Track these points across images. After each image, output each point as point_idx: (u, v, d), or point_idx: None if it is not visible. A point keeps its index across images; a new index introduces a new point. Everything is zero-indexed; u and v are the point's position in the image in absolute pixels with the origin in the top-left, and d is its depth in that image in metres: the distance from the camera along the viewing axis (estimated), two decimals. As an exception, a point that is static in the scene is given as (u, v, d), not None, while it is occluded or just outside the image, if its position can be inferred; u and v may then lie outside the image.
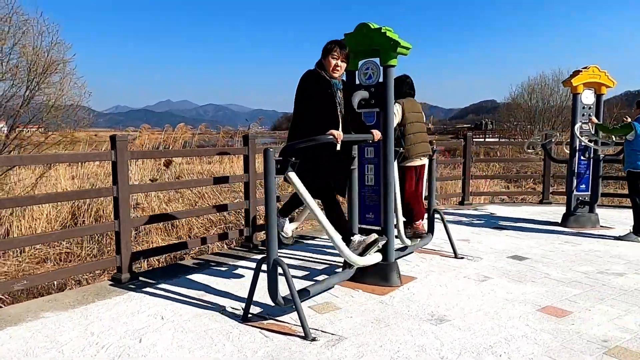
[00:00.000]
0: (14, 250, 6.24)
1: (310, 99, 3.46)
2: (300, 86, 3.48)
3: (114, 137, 4.04)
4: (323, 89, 3.47)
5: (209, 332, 3.13)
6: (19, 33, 9.15)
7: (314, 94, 3.45)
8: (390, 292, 3.89)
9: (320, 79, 3.50)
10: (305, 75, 3.48)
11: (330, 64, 3.52)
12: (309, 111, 3.46)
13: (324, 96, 3.47)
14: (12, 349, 2.90)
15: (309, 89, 3.46)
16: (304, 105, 3.48)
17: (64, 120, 9.96)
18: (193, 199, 9.46)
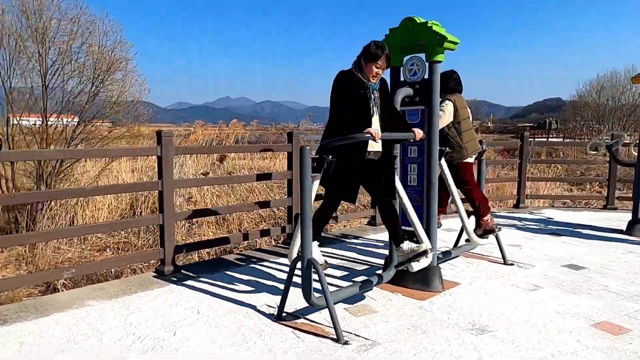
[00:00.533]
0: (79, 238, 6.61)
1: (344, 99, 3.36)
2: (335, 87, 3.39)
3: (159, 132, 4.15)
4: (357, 90, 3.38)
5: (241, 329, 3.13)
6: (86, 33, 9.67)
7: (347, 95, 3.36)
8: (430, 297, 3.74)
9: (355, 80, 3.39)
10: (340, 76, 3.39)
11: (371, 72, 3.39)
12: (343, 112, 3.37)
13: (358, 97, 3.37)
14: (56, 334, 3.04)
15: (342, 90, 3.37)
16: (338, 105, 3.40)
17: (125, 116, 10.44)
18: (244, 194, 9.65)
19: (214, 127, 13.07)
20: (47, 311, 3.41)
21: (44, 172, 7.95)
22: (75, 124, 9.10)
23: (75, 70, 9.36)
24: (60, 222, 7.23)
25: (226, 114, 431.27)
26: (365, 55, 3.39)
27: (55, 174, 8.08)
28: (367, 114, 3.38)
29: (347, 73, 3.41)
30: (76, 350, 2.81)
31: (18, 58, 8.24)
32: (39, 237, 4.96)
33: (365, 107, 3.38)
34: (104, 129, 10.17)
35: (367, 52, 3.38)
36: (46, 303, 3.59)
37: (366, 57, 3.38)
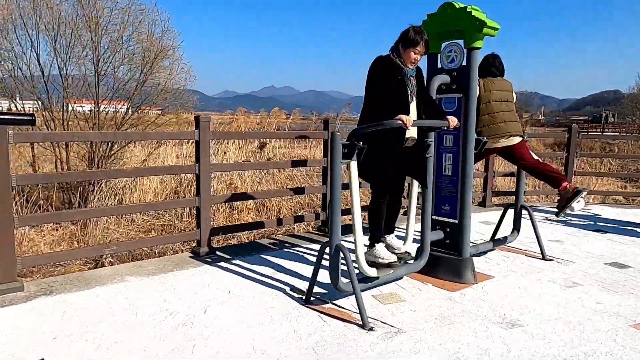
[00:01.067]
0: (126, 220, 6.93)
1: (380, 85, 3.33)
2: (371, 72, 3.35)
3: (197, 117, 4.27)
4: (394, 76, 3.33)
5: (269, 311, 3.20)
6: (136, 22, 10.02)
7: (384, 80, 3.32)
8: (461, 289, 3.68)
9: (392, 66, 3.34)
10: (377, 61, 3.35)
11: (409, 58, 3.32)
12: (379, 98, 3.34)
13: (394, 83, 3.32)
14: (96, 306, 3.22)
15: (379, 76, 3.33)
16: (373, 91, 3.37)
17: (172, 103, 10.77)
18: (284, 181, 9.78)
19: (256, 116, 13.27)
20: (89, 284, 3.61)
21: (95, 155, 8.36)
22: (124, 111, 9.48)
23: (126, 57, 9.71)
24: (110, 203, 7.60)
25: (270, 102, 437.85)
26: (403, 40, 3.33)
27: (105, 157, 8.48)
28: (405, 100, 3.34)
29: (385, 58, 3.36)
30: (112, 322, 2.97)
31: (73, 46, 8.64)
32: (88, 214, 5.24)
33: (402, 93, 3.33)
34: (153, 116, 10.54)
35: (405, 38, 3.32)
36: (89, 277, 3.80)
37: (405, 43, 3.32)
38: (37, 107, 8.97)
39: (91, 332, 2.83)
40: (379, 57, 3.36)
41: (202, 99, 13.95)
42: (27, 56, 8.33)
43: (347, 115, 13.16)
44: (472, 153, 3.80)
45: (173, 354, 2.59)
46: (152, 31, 10.05)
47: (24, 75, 8.53)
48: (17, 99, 8.87)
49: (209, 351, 2.63)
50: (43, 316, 3.04)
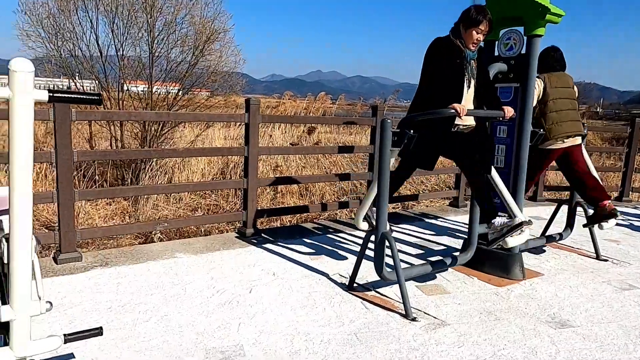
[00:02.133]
0: (175, 198, 7.17)
1: (436, 69, 3.22)
2: (428, 55, 3.25)
3: (248, 100, 4.32)
4: (453, 60, 3.21)
5: (313, 295, 3.24)
6: (190, 4, 10.20)
7: (441, 64, 3.21)
8: (508, 285, 3.58)
9: (452, 48, 3.22)
10: (435, 43, 3.23)
11: (471, 38, 3.17)
12: (434, 82, 3.24)
13: (453, 67, 3.21)
14: (148, 280, 3.36)
15: (436, 59, 3.22)
16: (429, 75, 3.26)
17: (221, 85, 10.96)
18: (329, 167, 9.80)
19: (303, 100, 13.30)
20: (141, 258, 3.77)
21: (147, 134, 8.65)
22: (176, 92, 9.72)
23: (178, 40, 9.91)
24: (159, 181, 7.87)
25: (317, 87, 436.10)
26: (465, 20, 3.18)
27: (157, 136, 8.76)
28: (460, 86, 3.22)
29: (444, 40, 3.24)
30: (163, 295, 3.09)
31: (130, 28, 8.91)
32: (142, 191, 5.44)
33: (458, 79, 3.21)
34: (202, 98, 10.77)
35: (467, 17, 3.17)
36: (141, 251, 3.96)
37: (466, 23, 3.17)
38: (94, 86, 9.35)
39: (143, 304, 2.96)
40: (437, 39, 3.25)
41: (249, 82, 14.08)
42: (87, 37, 8.66)
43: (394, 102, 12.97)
44: (527, 145, 3.66)
45: (220, 330, 2.67)
46: (205, 14, 10.21)
47: (84, 55, 8.87)
48: (77, 78, 9.25)
49: (253, 330, 2.70)
50: (99, 286, 3.20)
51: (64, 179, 3.47)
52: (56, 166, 3.45)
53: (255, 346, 2.52)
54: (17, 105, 1.42)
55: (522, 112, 3.60)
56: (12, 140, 1.47)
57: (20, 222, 1.54)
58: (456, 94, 3.18)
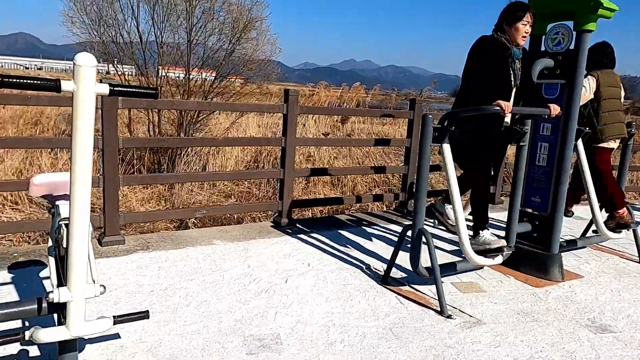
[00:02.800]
0: (209, 184, 7.31)
1: (482, 67, 3.17)
2: (473, 53, 3.20)
3: (287, 91, 4.35)
4: (498, 58, 3.15)
5: (347, 287, 3.27)
6: (227, -9, 10.27)
7: (488, 62, 3.15)
8: (546, 286, 3.52)
9: (497, 46, 3.17)
10: (480, 40, 3.18)
11: (519, 32, 3.14)
12: (479, 80, 3.19)
13: (498, 66, 3.15)
14: (187, 265, 3.46)
15: (482, 57, 3.17)
16: (474, 73, 3.22)
17: (256, 74, 11.03)
18: (361, 158, 9.77)
19: (337, 89, 13.26)
20: (180, 244, 3.88)
21: (184, 120, 8.81)
22: (212, 79, 9.85)
23: (216, 27, 10.00)
24: (194, 167, 8.02)
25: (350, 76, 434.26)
26: (507, 17, 3.16)
27: (193, 123, 8.91)
28: (508, 84, 3.17)
29: (489, 39, 3.21)
30: (202, 281, 3.18)
31: (169, 15, 9.05)
32: (182, 179, 5.57)
33: (506, 77, 3.16)
34: (237, 86, 10.87)
35: (509, 14, 3.16)
36: (180, 237, 4.07)
37: (509, 19, 3.15)
38: (132, 72, 9.56)
39: (183, 288, 3.05)
40: (482, 37, 3.20)
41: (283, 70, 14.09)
42: (128, 24, 8.84)
43: (429, 93, 12.77)
44: (571, 144, 3.56)
45: (257, 318, 2.73)
46: (243, 2, 10.26)
47: (124, 41, 9.07)
48: (117, 64, 9.48)
49: (289, 319, 2.75)
50: (141, 269, 3.31)
51: (109, 164, 3.59)
52: (102, 152, 3.57)
53: (291, 336, 2.57)
54: (80, 97, 1.48)
55: (568, 109, 3.49)
56: (74, 130, 1.53)
57: (79, 208, 1.61)
58: (504, 91, 3.12)
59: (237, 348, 2.41)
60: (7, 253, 3.52)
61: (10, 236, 4.88)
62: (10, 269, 3.21)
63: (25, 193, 5.63)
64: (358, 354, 2.44)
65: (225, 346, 2.42)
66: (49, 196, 2.15)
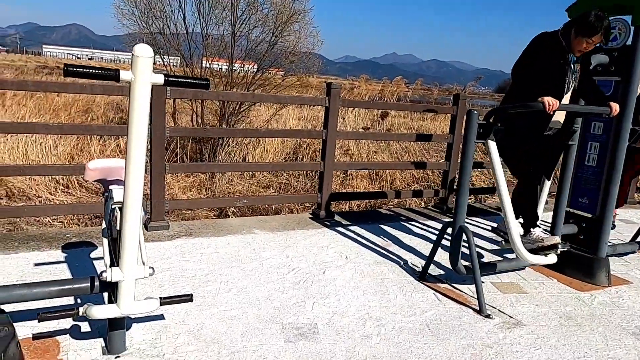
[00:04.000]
0: (248, 174, 7.44)
1: (538, 65, 3.03)
2: (529, 49, 3.07)
3: (329, 84, 4.36)
4: (555, 59, 3.03)
5: (385, 281, 3.27)
6: (272, -16, 10.35)
7: (544, 61, 3.02)
8: (592, 290, 3.41)
9: (556, 47, 3.04)
10: (540, 38, 3.06)
11: (579, 45, 2.99)
12: (532, 78, 3.08)
13: (554, 67, 3.03)
14: (228, 252, 3.55)
15: (538, 54, 3.04)
16: (527, 70, 3.10)
17: (297, 66, 11.09)
18: (400, 153, 9.69)
19: (377, 83, 13.17)
20: (221, 232, 3.98)
21: (226, 111, 8.98)
22: (254, 71, 9.97)
23: (260, 20, 10.11)
24: (235, 158, 8.18)
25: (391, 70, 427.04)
26: (579, 25, 2.95)
27: (234, 114, 9.07)
28: (560, 87, 3.05)
29: (550, 37, 3.06)
30: (242, 269, 3.26)
31: (215, 7, 9.21)
32: (224, 168, 5.69)
33: (559, 80, 3.04)
34: (278, 78, 10.97)
35: (583, 24, 2.93)
36: (221, 225, 4.18)
37: (580, 29, 2.95)
38: (177, 63, 9.80)
39: (224, 275, 3.14)
40: (543, 34, 3.08)
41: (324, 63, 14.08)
42: (175, 16, 9.07)
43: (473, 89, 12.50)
44: (624, 144, 3.41)
45: (295, 307, 2.78)
46: (286, -6, 10.32)
47: (171, 33, 9.31)
48: (162, 55, 9.75)
49: (326, 310, 2.78)
50: (184, 254, 3.43)
51: (157, 152, 3.72)
52: (150, 141, 3.70)
53: (328, 326, 2.60)
54: (137, 87, 1.55)
55: (622, 108, 3.34)
56: (131, 118, 1.60)
57: (133, 193, 1.68)
58: (556, 93, 2.99)
59: (275, 335, 2.46)
60: (61, 234, 3.71)
61: (62, 218, 5.14)
62: (64, 249, 3.39)
63: (78, 178, 5.91)
64: (394, 347, 2.45)
65: (264, 332, 2.48)
66: (102, 181, 2.26)
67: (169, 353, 2.23)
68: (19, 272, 2.97)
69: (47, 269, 3.04)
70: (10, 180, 5.77)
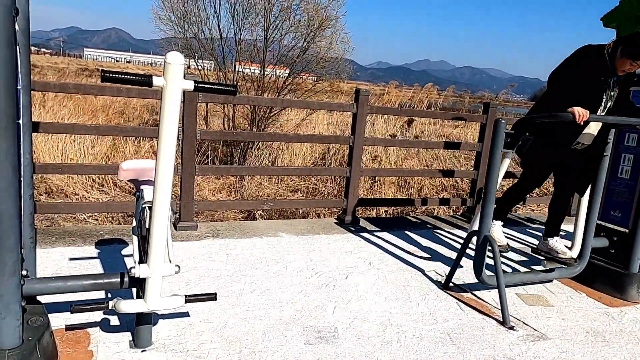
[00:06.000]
0: (277, 178, 7.53)
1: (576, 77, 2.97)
2: (570, 60, 3.01)
3: (358, 91, 4.40)
4: (595, 75, 2.97)
5: (407, 289, 3.27)
6: (305, -10, 10.47)
7: (584, 74, 2.96)
8: (622, 306, 3.31)
9: (598, 63, 2.97)
10: (583, 51, 3.00)
11: (623, 66, 2.92)
12: (569, 89, 3.00)
13: (592, 82, 2.97)
14: (253, 254, 3.62)
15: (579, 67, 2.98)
16: (564, 82, 3.03)
17: (328, 71, 11.16)
18: (429, 160, 9.62)
19: (408, 89, 13.11)
20: (247, 233, 4.06)
21: (256, 115, 9.12)
22: (285, 76, 10.10)
23: (292, 26, 10.24)
24: (264, 161, 8.29)
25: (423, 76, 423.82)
26: (627, 46, 2.89)
27: (265, 118, 9.21)
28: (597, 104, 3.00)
29: (594, 52, 2.99)
30: (266, 270, 3.32)
31: (249, 13, 9.39)
32: (253, 171, 5.80)
33: (597, 96, 2.98)
34: (309, 83, 11.06)
35: (631, 45, 2.87)
36: (247, 227, 4.26)
37: (628, 50, 2.88)
38: (211, 67, 10.02)
39: (248, 276, 3.20)
40: (587, 47, 3.02)
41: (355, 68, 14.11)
42: (210, 21, 9.29)
43: (506, 97, 12.28)
44: (660, 157, 3.32)
45: (317, 310, 2.81)
46: (319, 1, 10.43)
47: (206, 37, 9.53)
48: (197, 59, 9.98)
49: (347, 314, 2.80)
50: (211, 255, 3.51)
51: (187, 154, 3.83)
52: (182, 143, 3.81)
53: (349, 330, 2.62)
54: (168, 92, 1.62)
55: (659, 119, 3.25)
56: (161, 121, 1.68)
57: (162, 193, 1.76)
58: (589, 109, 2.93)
59: (295, 337, 2.50)
60: (95, 230, 3.86)
61: (97, 215, 5.34)
62: (97, 245, 3.53)
63: (112, 177, 6.12)
64: (414, 355, 2.45)
65: (285, 334, 2.52)
66: (135, 181, 2.36)
67: (193, 349, 2.30)
68: (55, 266, 3.11)
69: (80, 264, 3.18)
70: (50, 178, 6.03)
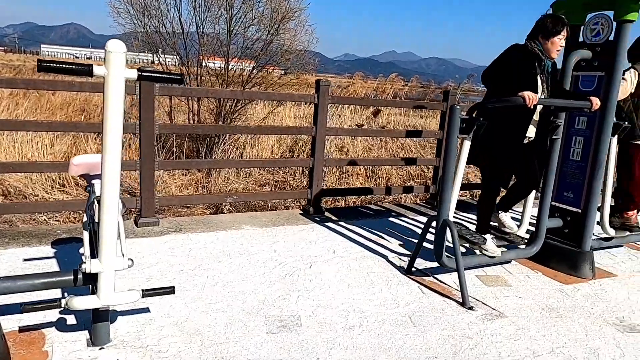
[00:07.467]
0: (245, 173, 7.48)
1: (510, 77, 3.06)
2: (502, 60, 3.11)
3: (318, 81, 4.40)
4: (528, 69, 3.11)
5: (370, 275, 3.31)
6: (268, -17, 10.38)
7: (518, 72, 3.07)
8: (575, 283, 3.45)
9: (529, 57, 3.13)
10: (512, 50, 3.13)
11: (555, 46, 3.11)
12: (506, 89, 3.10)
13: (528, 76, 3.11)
14: (216, 247, 3.59)
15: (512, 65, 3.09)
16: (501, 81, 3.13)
17: (294, 64, 11.12)
18: (395, 150, 9.73)
19: (374, 81, 13.20)
20: (211, 228, 4.02)
21: (222, 110, 9.02)
22: (251, 69, 10.01)
23: (255, 18, 10.13)
24: (231, 156, 8.22)
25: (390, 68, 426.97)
26: (544, 30, 3.11)
27: (231, 112, 9.11)
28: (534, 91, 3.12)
29: (522, 48, 3.16)
30: (229, 263, 3.30)
31: (210, 5, 9.24)
32: (215, 165, 5.73)
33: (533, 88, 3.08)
34: (275, 76, 10.98)
35: (544, 30, 3.11)
36: (212, 221, 4.22)
37: (546, 32, 3.10)
38: (174, 62, 9.83)
39: (211, 269, 3.18)
40: (514, 46, 3.17)
41: (322, 61, 14.10)
42: (171, 14, 9.10)
43: (470, 86, 12.53)
44: (607, 139, 3.45)
45: (280, 300, 2.82)
46: (281, -8, 10.35)
47: (167, 32, 9.33)
48: (160, 53, 9.77)
49: (311, 303, 2.82)
50: (173, 250, 3.47)
51: (146, 149, 3.76)
52: (140, 137, 3.74)
53: (311, 318, 2.64)
54: (111, 82, 1.59)
55: (605, 103, 3.38)
56: (105, 112, 1.64)
57: (109, 186, 1.72)
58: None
59: (258, 327, 2.51)
60: (51, 230, 3.76)
61: (58, 217, 5.19)
62: (53, 245, 3.43)
63: (73, 176, 5.96)
64: (375, 339, 2.49)
65: (248, 325, 2.52)
66: (86, 175, 2.30)
67: (153, 344, 2.28)
68: (8, 268, 3.01)
69: (35, 264, 3.09)
70: (6, 179, 5.82)
